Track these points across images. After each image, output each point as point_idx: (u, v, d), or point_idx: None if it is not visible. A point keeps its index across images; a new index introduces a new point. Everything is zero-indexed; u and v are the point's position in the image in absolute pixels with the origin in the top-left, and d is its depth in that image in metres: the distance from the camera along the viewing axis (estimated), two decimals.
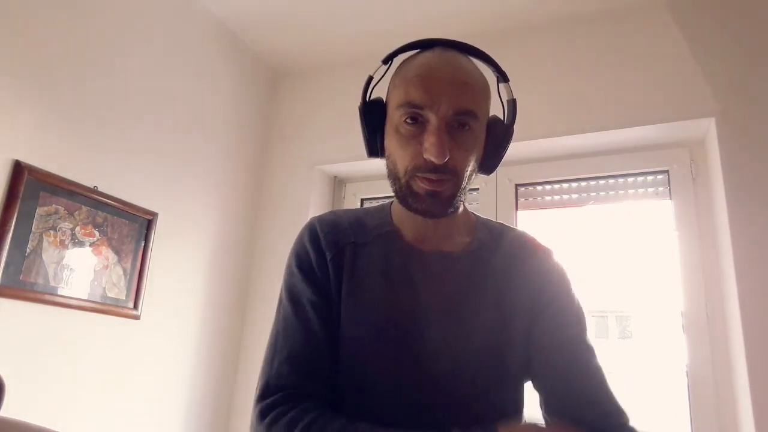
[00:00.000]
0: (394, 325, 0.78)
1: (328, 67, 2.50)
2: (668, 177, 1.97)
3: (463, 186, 0.78)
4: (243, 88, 2.40)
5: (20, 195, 1.48)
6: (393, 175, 0.81)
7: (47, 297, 1.54)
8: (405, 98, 0.76)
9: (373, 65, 0.88)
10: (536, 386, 0.82)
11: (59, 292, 1.57)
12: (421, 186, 0.76)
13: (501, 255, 0.84)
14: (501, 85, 0.85)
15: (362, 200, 2.47)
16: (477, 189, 2.17)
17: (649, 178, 2.02)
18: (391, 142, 0.80)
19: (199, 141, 2.14)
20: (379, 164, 0.87)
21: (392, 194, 0.87)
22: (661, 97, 1.88)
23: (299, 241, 0.86)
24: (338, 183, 2.52)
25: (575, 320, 0.82)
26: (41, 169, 1.55)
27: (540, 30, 2.13)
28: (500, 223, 0.92)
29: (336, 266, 0.82)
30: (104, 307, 1.70)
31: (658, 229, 1.99)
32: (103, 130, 1.75)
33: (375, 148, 0.84)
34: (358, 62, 2.41)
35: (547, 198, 2.15)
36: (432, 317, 0.78)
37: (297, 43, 2.38)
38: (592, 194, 2.09)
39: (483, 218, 0.91)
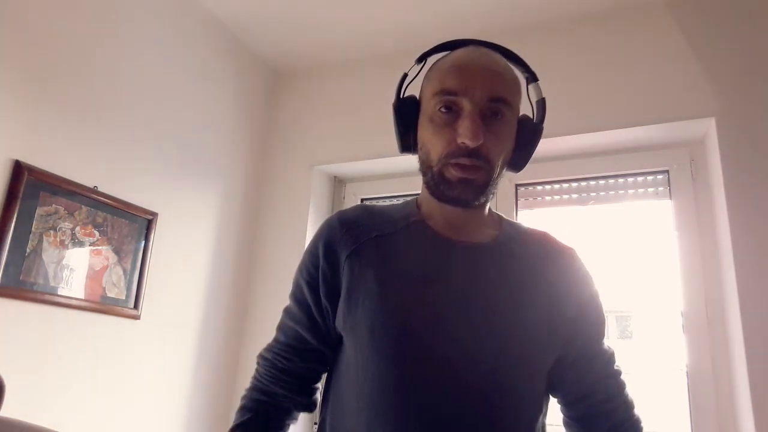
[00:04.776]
0: (428, 312, 0.76)
1: (328, 67, 2.50)
2: (668, 177, 1.97)
3: (495, 176, 0.78)
4: (243, 88, 2.40)
5: (20, 195, 1.48)
6: (426, 166, 0.81)
7: (47, 297, 1.54)
8: (440, 86, 0.78)
9: (373, 65, 0.89)
10: (560, 386, 0.85)
11: (59, 292, 1.57)
12: (453, 173, 0.76)
13: (531, 250, 0.85)
14: (530, 85, 0.86)
15: (362, 200, 2.47)
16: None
17: (649, 178, 2.02)
18: (424, 133, 0.80)
19: (199, 141, 2.14)
20: (379, 164, 0.88)
21: (395, 194, 0.88)
22: (661, 97, 1.88)
23: (315, 238, 0.88)
24: (338, 183, 2.52)
25: (605, 328, 0.89)
26: (41, 169, 1.55)
27: (539, 30, 2.13)
28: (519, 222, 0.95)
29: (353, 262, 0.81)
30: (104, 307, 1.70)
31: (658, 229, 1.99)
32: (103, 130, 1.75)
33: (408, 143, 0.84)
34: (358, 62, 2.41)
35: (547, 198, 2.15)
36: (466, 304, 0.77)
37: (297, 43, 2.38)
38: (592, 194, 2.09)
39: (504, 216, 0.93)
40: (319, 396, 0.89)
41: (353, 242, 0.83)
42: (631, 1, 1.98)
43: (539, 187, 2.16)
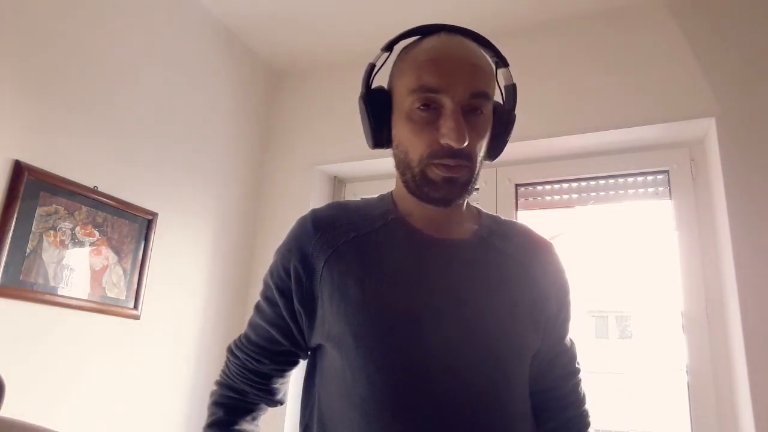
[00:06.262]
0: (415, 316, 0.74)
1: (328, 67, 2.50)
2: (668, 177, 1.97)
3: (476, 172, 0.77)
4: (243, 88, 2.40)
5: (20, 195, 1.48)
6: (404, 165, 0.78)
7: (47, 297, 1.54)
8: (418, 83, 0.74)
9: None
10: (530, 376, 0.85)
11: (59, 292, 1.57)
12: (437, 173, 0.74)
13: (512, 243, 0.85)
14: (500, 70, 0.83)
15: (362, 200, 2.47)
16: (477, 189, 2.16)
17: (649, 178, 2.02)
18: (401, 130, 0.77)
19: (199, 141, 2.14)
20: (379, 164, 0.87)
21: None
22: (661, 97, 1.88)
23: (288, 240, 0.84)
24: (338, 183, 2.52)
25: (570, 324, 0.91)
26: (41, 169, 1.55)
27: (539, 30, 2.13)
28: (498, 215, 0.93)
29: (333, 268, 0.78)
30: (104, 307, 1.70)
31: (658, 229, 1.99)
32: (103, 130, 1.75)
33: (381, 139, 0.80)
34: (358, 62, 2.40)
35: (547, 198, 2.15)
36: (455, 305, 0.76)
37: (297, 43, 2.38)
38: (592, 194, 2.09)
39: (483, 209, 0.92)
40: (287, 387, 0.91)
41: (330, 246, 0.79)
42: (631, 1, 1.98)
43: (539, 187, 2.16)
